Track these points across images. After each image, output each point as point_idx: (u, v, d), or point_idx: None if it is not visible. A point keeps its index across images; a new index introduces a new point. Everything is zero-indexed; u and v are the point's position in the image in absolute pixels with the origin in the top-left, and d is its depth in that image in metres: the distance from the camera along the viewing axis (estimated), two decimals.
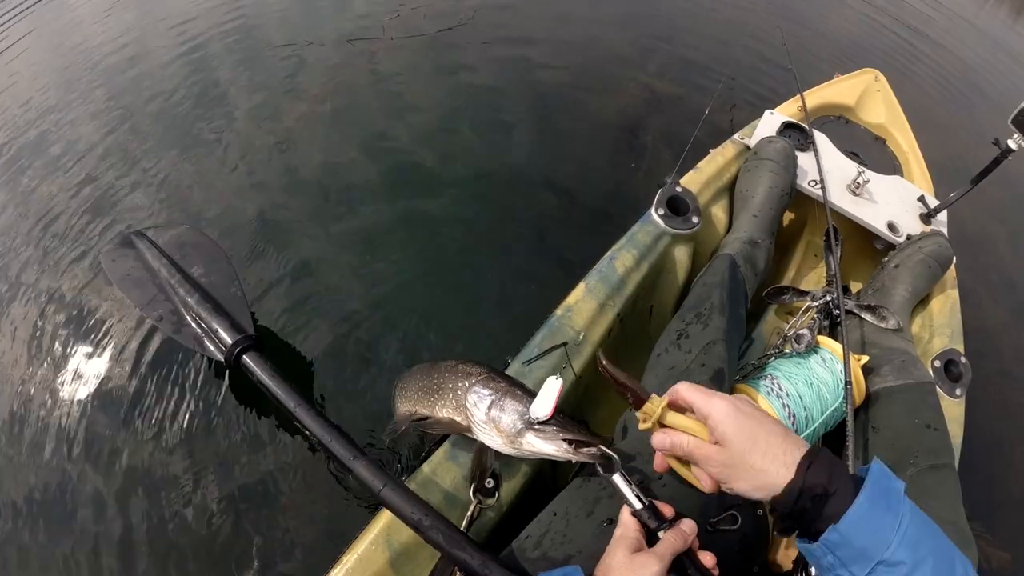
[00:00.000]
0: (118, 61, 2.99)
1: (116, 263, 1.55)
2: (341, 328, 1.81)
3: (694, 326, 1.27)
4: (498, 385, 1.04)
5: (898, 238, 1.69)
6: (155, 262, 1.54)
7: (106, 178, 2.29)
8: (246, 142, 2.46)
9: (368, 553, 0.94)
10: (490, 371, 1.09)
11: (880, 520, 0.63)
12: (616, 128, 2.74)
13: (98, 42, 3.11)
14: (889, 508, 0.63)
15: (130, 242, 1.60)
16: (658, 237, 1.52)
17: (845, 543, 0.64)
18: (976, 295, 2.47)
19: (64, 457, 1.55)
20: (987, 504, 1.89)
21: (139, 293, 1.49)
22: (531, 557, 0.92)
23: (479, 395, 1.04)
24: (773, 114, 1.93)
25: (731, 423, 0.75)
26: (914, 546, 0.62)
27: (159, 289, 1.50)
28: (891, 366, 1.38)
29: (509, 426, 0.97)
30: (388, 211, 2.20)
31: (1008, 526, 1.86)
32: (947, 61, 4.38)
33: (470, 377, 1.08)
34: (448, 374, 1.12)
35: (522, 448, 0.97)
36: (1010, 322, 2.48)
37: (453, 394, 1.09)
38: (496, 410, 1.00)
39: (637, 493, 0.85)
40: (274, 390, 1.24)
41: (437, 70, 2.92)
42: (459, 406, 1.07)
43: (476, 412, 1.02)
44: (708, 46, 3.40)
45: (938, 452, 1.22)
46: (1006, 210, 3.08)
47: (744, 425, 0.74)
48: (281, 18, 3.25)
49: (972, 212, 2.80)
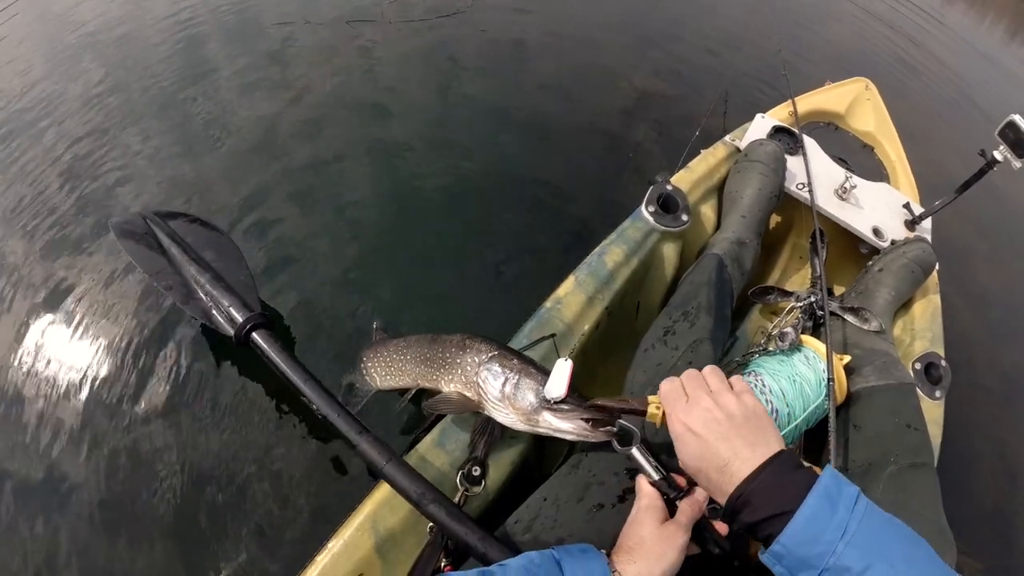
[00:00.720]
0: (110, 39, 2.95)
1: (126, 232, 1.55)
2: (338, 317, 1.81)
3: (681, 324, 1.28)
4: (512, 363, 1.05)
5: (883, 243, 1.72)
6: (166, 240, 1.56)
7: (96, 161, 2.26)
8: (240, 123, 2.45)
9: (354, 538, 0.95)
10: (501, 348, 1.10)
11: (823, 528, 0.63)
12: (608, 126, 2.76)
13: (90, 19, 3.07)
14: (835, 514, 0.64)
15: (141, 220, 1.60)
16: (647, 233, 1.53)
17: (788, 553, 0.65)
18: (956, 305, 2.51)
19: (54, 434, 1.54)
20: (961, 510, 1.93)
21: (149, 263, 1.51)
22: (521, 540, 0.93)
23: (493, 372, 1.05)
24: (764, 118, 1.95)
25: (683, 413, 0.78)
26: (864, 551, 0.62)
27: (169, 263, 1.52)
28: (873, 367, 1.40)
29: (526, 405, 0.99)
30: (380, 197, 2.20)
31: (983, 532, 1.90)
32: (941, 73, 4.46)
33: (481, 353, 1.08)
34: (455, 349, 1.12)
35: (538, 425, 0.98)
36: (988, 334, 2.52)
37: (462, 370, 1.09)
38: (511, 387, 1.01)
39: (655, 464, 0.87)
40: (283, 367, 1.27)
41: (431, 57, 2.93)
42: (469, 382, 1.07)
43: (490, 389, 1.03)
44: (705, 50, 3.43)
45: (918, 451, 1.23)
46: (990, 223, 3.14)
47: (704, 418, 0.76)
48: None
49: (957, 223, 2.86)
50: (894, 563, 0.61)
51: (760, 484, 0.69)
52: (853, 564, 0.61)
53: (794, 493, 0.66)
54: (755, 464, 0.70)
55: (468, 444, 1.10)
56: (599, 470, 1.01)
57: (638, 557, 0.76)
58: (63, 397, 1.60)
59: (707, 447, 0.74)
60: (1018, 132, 1.54)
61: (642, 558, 0.76)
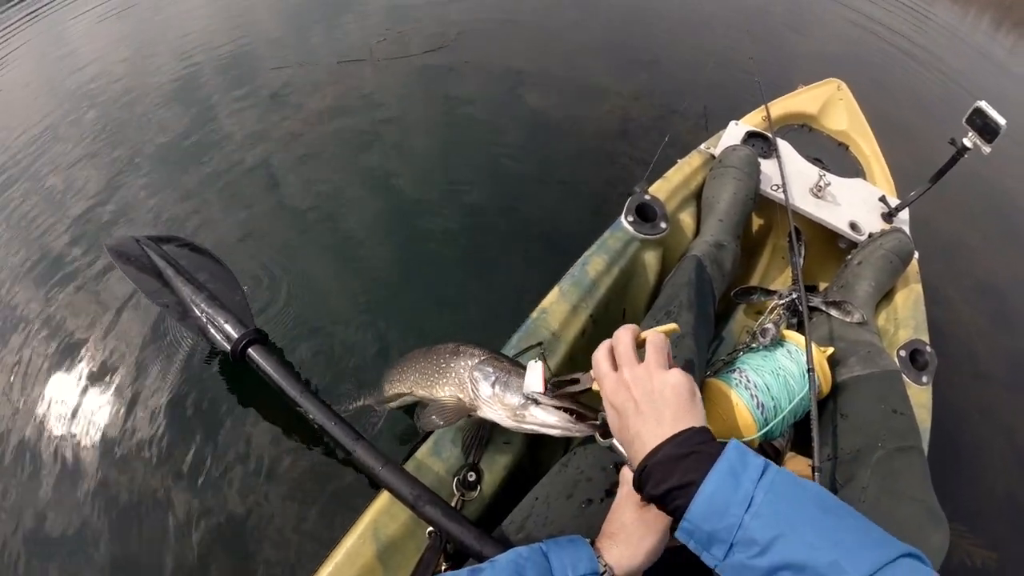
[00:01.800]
0: (110, 82, 3.08)
1: (120, 254, 1.60)
2: (330, 334, 1.88)
3: (664, 323, 1.32)
4: (501, 364, 1.11)
5: (860, 236, 1.76)
6: (160, 262, 1.60)
7: (96, 199, 2.37)
8: (238, 159, 2.55)
9: (356, 547, 0.98)
10: (491, 351, 1.16)
11: (727, 501, 0.64)
12: (593, 146, 2.84)
13: (90, 63, 3.22)
14: (739, 486, 0.64)
15: (134, 243, 1.64)
16: (628, 242, 1.58)
17: (696, 528, 0.66)
18: (949, 297, 2.54)
19: (55, 451, 1.61)
20: (971, 499, 1.93)
21: (145, 282, 1.56)
22: (515, 539, 0.96)
23: (484, 373, 1.10)
24: (738, 124, 2.01)
25: (610, 389, 0.81)
26: (771, 521, 0.62)
27: (164, 283, 1.57)
28: (857, 357, 1.43)
29: (513, 401, 1.04)
30: (379, 226, 2.29)
31: (994, 520, 1.89)
32: (915, 70, 4.53)
33: (473, 357, 1.14)
34: (450, 355, 1.18)
35: (524, 421, 1.03)
36: (977, 320, 2.55)
37: (455, 373, 1.15)
38: (500, 387, 1.06)
39: None
40: (279, 381, 1.31)
41: (421, 90, 3.06)
42: (461, 384, 1.12)
43: (481, 388, 1.08)
44: (681, 66, 3.52)
45: (904, 435, 1.26)
46: (978, 212, 3.18)
47: (622, 397, 0.78)
48: (275, 40, 3.40)
49: (945, 214, 2.90)
50: (804, 532, 0.61)
51: (662, 457, 0.70)
52: (760, 536, 0.62)
53: (696, 466, 0.67)
54: (661, 438, 0.72)
55: (462, 449, 1.14)
56: (587, 467, 1.04)
57: (619, 541, 0.79)
58: (50, 419, 1.67)
59: (623, 421, 0.78)
60: (985, 118, 1.56)
61: (623, 542, 0.78)
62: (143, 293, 1.55)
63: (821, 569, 0.58)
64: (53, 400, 1.73)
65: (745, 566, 0.63)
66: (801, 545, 0.60)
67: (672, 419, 0.74)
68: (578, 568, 0.75)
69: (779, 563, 0.60)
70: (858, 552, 0.59)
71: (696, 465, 0.68)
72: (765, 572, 0.62)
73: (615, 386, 0.80)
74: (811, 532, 0.61)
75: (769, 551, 0.61)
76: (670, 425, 0.73)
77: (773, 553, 0.61)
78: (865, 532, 0.63)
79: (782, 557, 0.60)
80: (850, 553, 0.59)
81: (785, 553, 0.60)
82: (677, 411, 0.74)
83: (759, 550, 0.62)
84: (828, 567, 0.58)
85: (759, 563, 0.62)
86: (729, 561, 0.65)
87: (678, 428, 0.72)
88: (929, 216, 2.82)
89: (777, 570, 0.61)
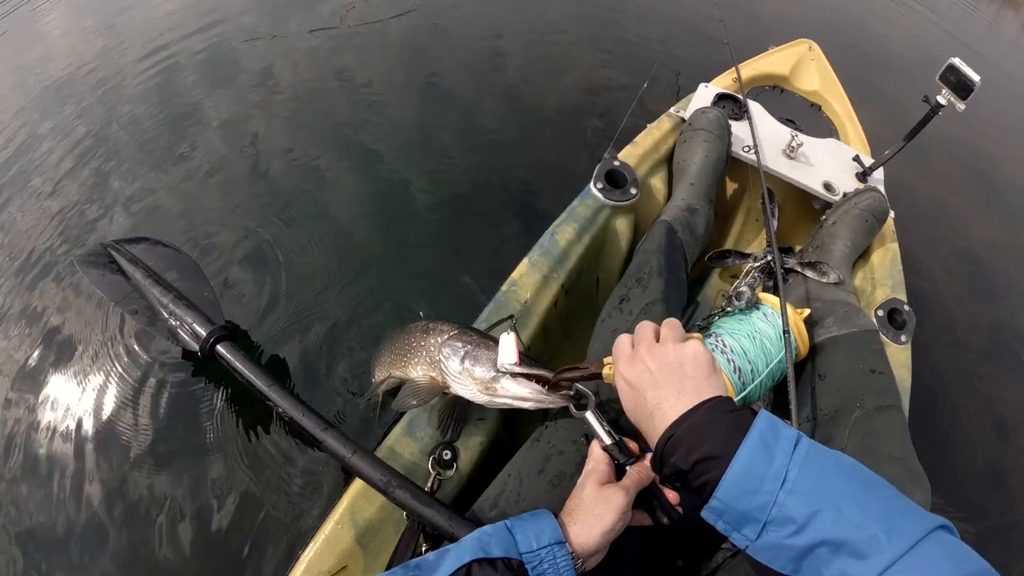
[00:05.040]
0: (77, 64, 2.97)
1: (90, 265, 1.59)
2: (306, 322, 1.83)
3: (635, 290, 1.29)
4: (470, 338, 1.08)
5: (834, 196, 1.73)
6: (129, 267, 1.59)
7: (70, 191, 2.27)
8: (211, 143, 2.46)
9: (335, 532, 0.97)
10: (461, 327, 1.13)
11: (760, 477, 0.60)
12: (556, 110, 2.79)
13: (62, 58, 3.08)
14: (772, 461, 0.61)
15: (103, 250, 1.63)
16: (598, 210, 1.53)
17: (727, 508, 0.62)
18: (929, 265, 2.54)
19: (27, 455, 1.58)
20: (953, 469, 1.93)
21: (114, 290, 1.55)
22: (489, 516, 0.94)
23: (452, 348, 1.07)
24: (707, 87, 1.96)
25: (625, 366, 0.77)
26: (808, 497, 0.59)
27: (134, 288, 1.56)
28: (834, 317, 1.40)
29: (484, 374, 1.01)
30: (350, 202, 2.24)
31: (976, 491, 1.90)
32: (888, 30, 4.50)
33: (442, 334, 1.11)
34: (419, 333, 1.16)
35: (496, 394, 1.00)
36: (955, 285, 2.55)
37: (426, 351, 1.12)
38: (470, 361, 1.04)
39: (608, 429, 0.87)
40: (247, 375, 1.30)
41: (389, 52, 3.05)
42: (433, 362, 1.10)
43: (451, 364, 1.06)
44: (650, 35, 3.46)
45: (883, 394, 1.24)
46: (949, 176, 3.18)
47: (638, 369, 0.75)
48: (244, 15, 3.32)
49: (917, 179, 2.89)
50: (842, 507, 0.58)
51: (689, 426, 0.67)
52: (797, 513, 0.58)
53: (726, 435, 0.64)
54: (683, 409, 0.68)
55: (437, 427, 1.12)
56: (558, 440, 1.02)
57: (578, 518, 0.77)
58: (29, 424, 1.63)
59: (638, 397, 0.74)
60: (959, 75, 1.54)
61: (581, 519, 0.76)
62: (112, 301, 1.54)
63: (860, 545, 0.55)
64: (26, 399, 1.68)
65: (781, 546, 0.60)
66: (839, 521, 0.57)
67: (694, 389, 0.70)
68: (542, 539, 0.73)
69: (817, 540, 0.57)
70: (896, 525, 0.56)
71: (727, 435, 0.64)
72: (801, 551, 0.58)
73: (630, 361, 0.77)
74: (848, 506, 0.58)
75: (806, 529, 0.58)
76: (692, 395, 0.69)
77: (811, 531, 0.57)
78: (900, 504, 0.60)
79: (820, 534, 0.57)
80: (888, 527, 0.56)
81: (823, 530, 0.57)
82: (699, 381, 0.71)
83: (795, 528, 0.58)
84: (867, 542, 0.55)
85: (796, 542, 0.58)
86: (762, 541, 0.61)
87: (702, 397, 0.69)
88: (908, 181, 2.82)
89: (814, 548, 0.58)
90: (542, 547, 0.73)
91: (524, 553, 0.72)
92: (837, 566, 0.56)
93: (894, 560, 0.54)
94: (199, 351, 1.41)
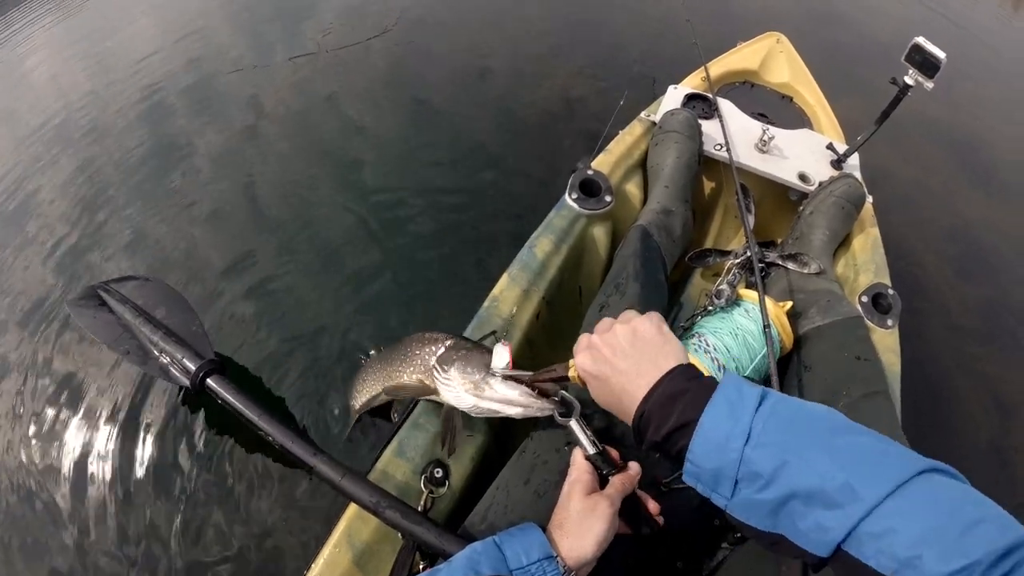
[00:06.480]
0: (63, 98, 3.05)
1: (82, 309, 1.62)
2: (296, 350, 1.86)
3: (613, 296, 1.30)
4: (464, 343, 1.11)
5: (810, 187, 1.73)
6: (119, 307, 1.61)
7: (58, 230, 2.31)
8: (200, 176, 2.51)
9: (333, 556, 0.97)
10: (455, 336, 1.16)
11: (727, 435, 0.61)
12: (531, 121, 2.83)
13: (49, 96, 3.15)
14: (737, 419, 0.61)
15: (94, 292, 1.66)
16: (574, 220, 1.54)
17: (700, 469, 0.63)
18: (916, 249, 2.53)
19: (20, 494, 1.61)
20: (955, 450, 1.92)
21: (106, 333, 1.57)
22: (479, 531, 0.95)
23: (447, 351, 1.10)
24: (676, 88, 1.98)
25: (582, 359, 0.79)
26: (774, 450, 0.59)
27: (124, 329, 1.58)
28: (817, 307, 1.40)
29: (475, 377, 1.03)
30: (337, 224, 2.29)
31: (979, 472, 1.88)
32: (856, 17, 4.50)
33: (437, 343, 1.14)
34: (414, 343, 1.18)
35: (484, 396, 1.01)
36: (942, 267, 2.54)
37: (421, 359, 1.15)
38: (461, 364, 1.06)
39: (592, 438, 0.87)
40: (238, 406, 1.31)
41: (369, 73, 3.12)
42: (427, 369, 1.12)
43: (442, 371, 1.08)
44: (620, 44, 3.49)
45: (870, 381, 1.24)
46: (928, 158, 3.17)
47: (595, 359, 0.76)
48: (225, 48, 3.39)
49: (895, 164, 2.89)
50: (809, 458, 0.57)
51: (656, 400, 0.68)
52: (763, 467, 0.58)
53: (690, 403, 0.65)
54: (647, 387, 0.69)
55: (434, 442, 1.13)
56: (542, 450, 1.02)
57: (569, 531, 0.76)
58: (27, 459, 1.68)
59: (603, 386, 0.75)
60: (924, 53, 1.54)
61: (571, 532, 0.76)
62: (104, 344, 1.57)
63: (831, 494, 0.54)
64: (20, 439, 1.73)
65: (752, 501, 0.60)
66: (807, 471, 0.56)
67: (652, 364, 0.71)
68: (531, 554, 0.73)
69: (786, 493, 0.57)
70: (872, 472, 0.55)
71: (692, 402, 0.65)
72: (774, 505, 0.58)
73: (587, 353, 0.78)
74: (818, 456, 0.57)
75: (774, 482, 0.57)
76: (651, 371, 0.70)
77: (779, 484, 0.57)
78: (880, 451, 0.58)
79: (788, 487, 0.57)
80: (862, 474, 0.54)
81: (791, 482, 0.56)
82: (655, 354, 0.72)
83: (764, 482, 0.58)
84: (838, 491, 0.54)
85: (765, 496, 0.58)
86: (737, 499, 0.61)
87: (663, 370, 0.70)
88: (889, 166, 2.82)
89: (786, 501, 0.57)
90: (532, 563, 0.73)
91: (514, 570, 0.72)
92: (812, 518, 0.56)
93: (871, 508, 0.52)
94: (190, 386, 1.43)
